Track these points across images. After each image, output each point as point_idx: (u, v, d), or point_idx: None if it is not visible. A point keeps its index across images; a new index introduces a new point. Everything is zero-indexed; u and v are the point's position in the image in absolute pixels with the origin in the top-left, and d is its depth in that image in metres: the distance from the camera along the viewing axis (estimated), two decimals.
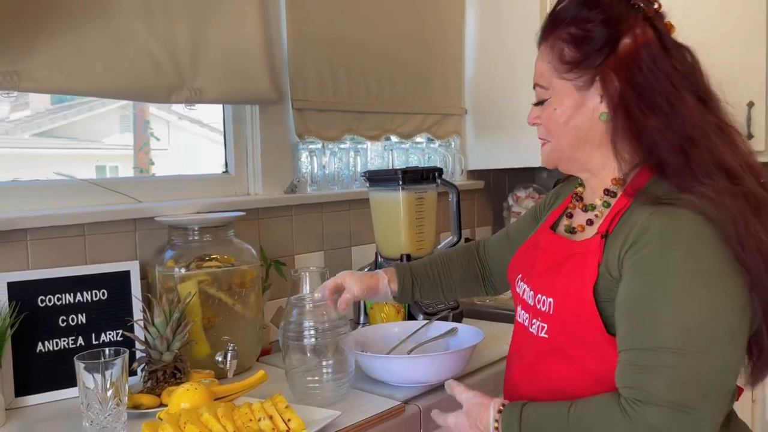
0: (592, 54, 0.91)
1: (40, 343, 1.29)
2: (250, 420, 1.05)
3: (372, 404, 1.22)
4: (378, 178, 1.80)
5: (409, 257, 1.76)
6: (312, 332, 1.24)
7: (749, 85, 2.06)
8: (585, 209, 1.02)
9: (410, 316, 1.69)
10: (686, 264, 0.82)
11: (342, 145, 2.02)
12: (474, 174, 2.45)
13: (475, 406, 0.99)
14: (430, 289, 1.34)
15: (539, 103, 1.00)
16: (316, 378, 1.24)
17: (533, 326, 1.00)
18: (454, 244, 1.88)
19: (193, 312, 1.35)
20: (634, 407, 0.81)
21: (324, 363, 1.24)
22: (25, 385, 1.27)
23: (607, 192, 0.98)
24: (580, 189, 1.07)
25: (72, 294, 1.33)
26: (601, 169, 0.98)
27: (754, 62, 2.06)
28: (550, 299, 0.96)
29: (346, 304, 1.23)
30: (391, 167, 2.17)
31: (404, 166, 2.09)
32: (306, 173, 1.92)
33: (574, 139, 0.96)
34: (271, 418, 1.06)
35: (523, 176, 2.56)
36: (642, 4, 0.93)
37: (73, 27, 1.35)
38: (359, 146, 2.08)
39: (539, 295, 0.99)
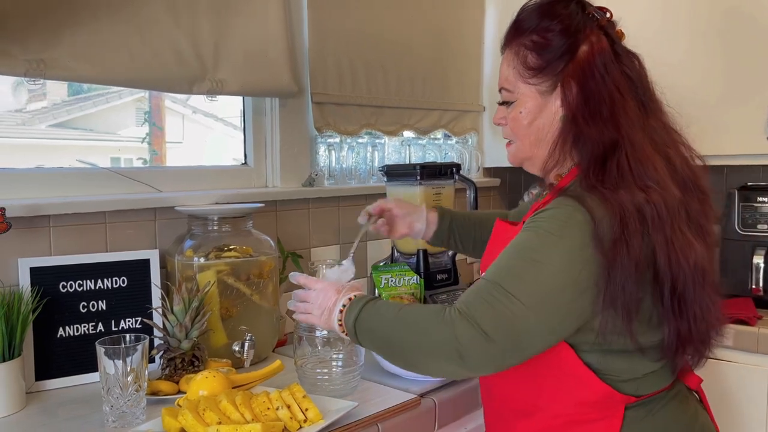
0: (553, 61, 0.98)
1: (61, 328, 1.31)
2: (268, 408, 1.06)
3: (388, 396, 1.23)
4: (396, 173, 1.80)
5: (425, 252, 1.76)
6: None
7: None
8: None
9: (424, 301, 1.69)
10: (554, 237, 0.90)
11: (360, 140, 2.03)
12: (490, 171, 2.44)
13: (329, 290, 1.07)
14: (464, 240, 1.43)
15: (504, 103, 1.07)
16: (326, 370, 1.25)
17: None
18: None
19: (211, 301, 1.36)
20: (454, 315, 0.91)
21: (334, 356, 1.25)
22: (45, 370, 1.29)
23: (549, 186, 1.06)
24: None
25: (93, 281, 1.34)
26: (551, 169, 1.04)
27: None
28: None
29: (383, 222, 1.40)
30: (407, 162, 2.17)
31: (421, 162, 2.09)
32: (324, 167, 1.92)
33: (536, 140, 1.03)
34: (288, 407, 1.07)
35: None
36: (596, 14, 1.00)
37: (98, 16, 1.36)
38: (377, 141, 2.08)
39: (481, 273, 1.09)
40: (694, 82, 1.97)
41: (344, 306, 1.03)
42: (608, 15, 1.01)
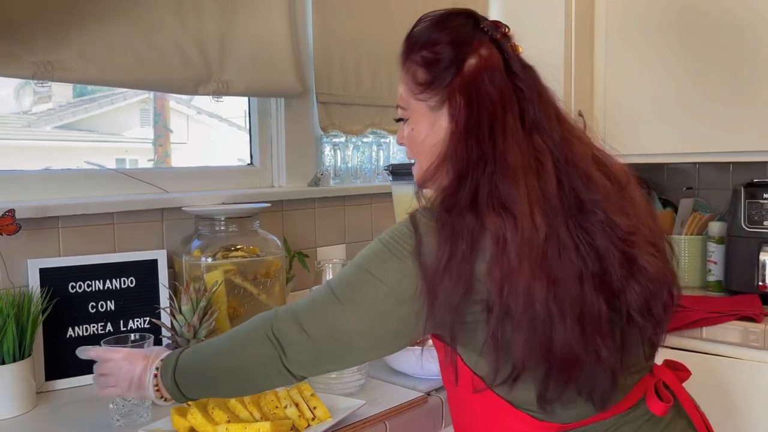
0: (440, 75, 0.93)
1: (70, 329, 1.32)
2: (276, 407, 1.07)
3: (395, 394, 1.23)
4: (401, 172, 1.80)
5: None
6: None
7: None
8: None
9: None
10: (382, 248, 0.89)
11: (365, 139, 2.03)
12: None
13: (134, 357, 1.02)
14: None
15: (401, 121, 1.02)
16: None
17: None
18: None
19: (219, 301, 1.37)
20: (271, 313, 0.94)
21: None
22: (55, 369, 1.30)
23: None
24: None
25: (102, 281, 1.35)
26: (426, 184, 0.98)
27: None
28: None
29: None
30: (413, 162, 2.17)
31: None
32: (329, 167, 1.93)
33: (431, 157, 0.96)
34: (297, 405, 1.07)
35: None
36: (488, 29, 0.95)
37: (104, 19, 1.37)
38: (382, 140, 2.09)
39: None
40: (697, 79, 1.96)
41: (158, 369, 1.00)
42: (504, 30, 0.97)
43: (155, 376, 0.99)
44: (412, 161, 1.05)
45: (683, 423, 0.98)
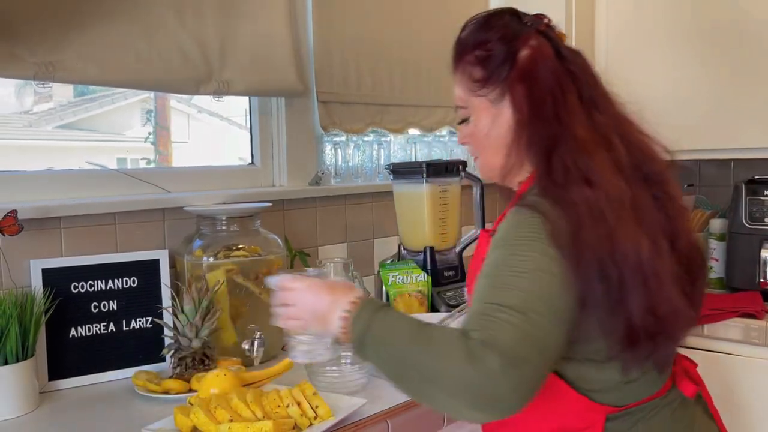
0: (496, 69, 1.00)
1: (73, 329, 1.33)
2: (279, 406, 1.07)
3: (397, 393, 1.21)
4: (402, 171, 1.81)
5: (432, 250, 1.77)
6: None
7: None
8: None
9: (433, 309, 1.70)
10: (520, 245, 0.89)
11: (366, 138, 2.03)
12: None
13: (318, 288, 0.95)
14: None
15: (463, 121, 1.08)
16: (335, 368, 1.26)
17: None
18: (477, 237, 1.89)
19: (220, 300, 1.37)
20: (479, 347, 0.81)
21: (343, 353, 1.25)
22: (58, 369, 1.30)
23: (509, 195, 1.07)
24: None
25: (104, 281, 1.36)
26: (511, 176, 1.04)
27: None
28: (467, 290, 1.08)
29: None
30: (413, 160, 2.18)
31: (427, 159, 2.10)
32: (330, 166, 1.93)
33: (497, 149, 1.03)
34: (299, 404, 1.08)
35: None
36: (531, 22, 1.02)
37: (104, 19, 1.37)
38: (382, 139, 2.09)
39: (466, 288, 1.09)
40: (700, 76, 1.96)
41: (348, 312, 0.90)
42: (546, 20, 1.03)
43: (343, 318, 0.90)
44: (474, 156, 1.10)
45: (701, 407, 1.04)
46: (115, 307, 1.37)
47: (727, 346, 1.75)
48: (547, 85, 0.96)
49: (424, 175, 1.74)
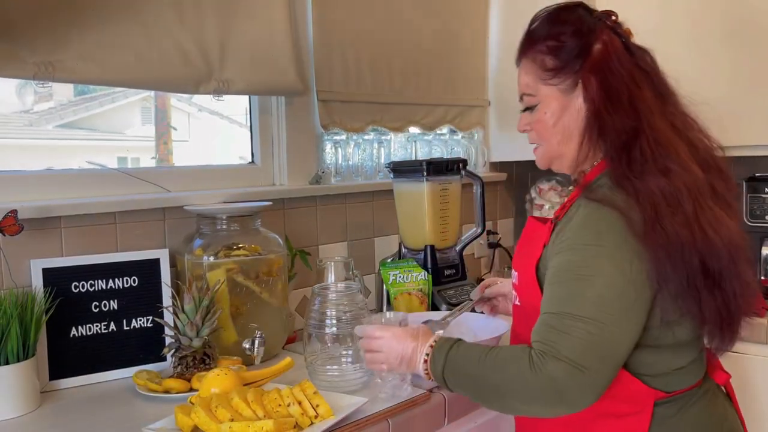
0: (570, 61, 1.03)
1: (73, 328, 1.33)
2: (279, 405, 1.07)
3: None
4: (403, 170, 1.81)
5: (432, 248, 1.77)
6: (333, 321, 1.26)
7: None
8: None
9: (434, 307, 1.70)
10: (592, 247, 0.94)
11: (366, 137, 2.03)
12: (497, 166, 2.44)
13: (403, 337, 1.08)
14: None
15: (527, 109, 1.11)
16: (336, 367, 1.26)
17: (515, 298, 1.15)
18: (478, 236, 1.89)
19: (221, 299, 1.37)
20: (540, 357, 0.91)
21: (344, 352, 1.25)
22: (59, 369, 1.30)
23: (574, 182, 1.10)
24: None
25: (104, 280, 1.36)
26: (580, 164, 1.08)
27: None
28: (516, 272, 1.12)
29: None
30: (414, 158, 2.18)
31: (428, 158, 2.09)
32: (330, 164, 1.93)
33: (563, 138, 1.07)
34: (299, 403, 1.08)
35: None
36: (600, 17, 1.06)
37: (104, 19, 1.37)
38: (383, 138, 2.09)
39: (513, 270, 1.15)
40: (701, 74, 1.96)
41: (428, 355, 1.05)
42: (614, 17, 1.07)
43: (425, 361, 1.05)
44: (535, 144, 1.12)
45: (723, 395, 1.10)
46: (115, 307, 1.37)
47: None
48: (622, 78, 1.00)
49: (425, 173, 1.74)
